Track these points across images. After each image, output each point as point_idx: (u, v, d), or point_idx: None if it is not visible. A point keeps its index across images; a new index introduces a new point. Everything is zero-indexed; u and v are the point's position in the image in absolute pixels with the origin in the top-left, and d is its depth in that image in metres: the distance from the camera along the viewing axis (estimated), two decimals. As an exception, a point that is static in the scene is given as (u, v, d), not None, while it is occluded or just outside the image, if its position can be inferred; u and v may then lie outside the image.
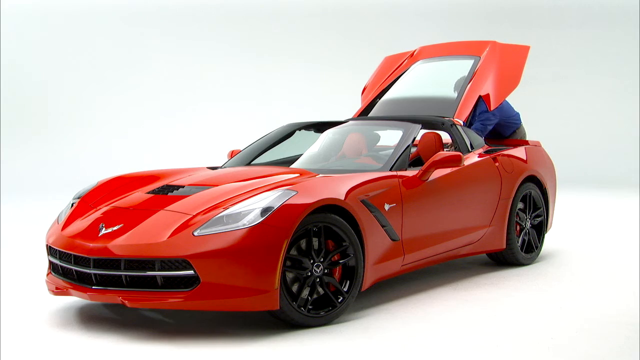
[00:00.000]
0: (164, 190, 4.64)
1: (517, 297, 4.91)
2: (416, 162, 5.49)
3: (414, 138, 5.27)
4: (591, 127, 14.93)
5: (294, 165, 5.33)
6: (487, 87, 6.20)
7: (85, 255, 4.08)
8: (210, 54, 15.16)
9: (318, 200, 4.12)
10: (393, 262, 4.70)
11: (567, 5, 15.49)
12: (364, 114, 6.47)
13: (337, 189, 4.34)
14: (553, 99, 15.21)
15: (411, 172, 4.97)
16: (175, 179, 4.91)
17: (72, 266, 4.21)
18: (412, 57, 6.84)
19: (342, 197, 4.29)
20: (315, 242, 4.17)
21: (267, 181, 4.49)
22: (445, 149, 5.69)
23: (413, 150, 5.60)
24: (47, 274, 4.58)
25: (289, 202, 4.02)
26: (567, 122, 15.01)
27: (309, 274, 4.12)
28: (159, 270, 3.90)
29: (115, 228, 4.15)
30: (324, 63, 15.24)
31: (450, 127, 5.73)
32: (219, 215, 3.99)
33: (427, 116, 5.84)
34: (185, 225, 3.99)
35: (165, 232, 3.98)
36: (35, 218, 9.01)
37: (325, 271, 4.19)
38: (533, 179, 6.08)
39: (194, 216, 4.06)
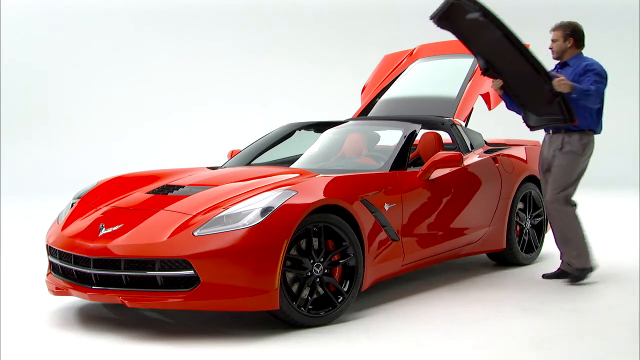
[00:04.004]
0: (164, 190, 4.64)
1: (517, 297, 4.91)
2: (416, 162, 5.49)
3: (414, 138, 5.27)
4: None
5: (294, 165, 5.33)
6: (487, 86, 6.18)
7: (85, 255, 4.08)
8: (211, 53, 15.14)
9: (318, 200, 4.12)
10: (393, 262, 4.70)
11: (567, 5, 15.48)
12: (363, 113, 6.45)
13: (337, 189, 4.33)
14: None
15: (411, 172, 4.97)
16: (175, 179, 4.91)
17: (72, 266, 4.20)
18: (412, 56, 6.82)
19: (342, 197, 4.29)
20: (315, 242, 4.17)
21: (267, 181, 4.48)
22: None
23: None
24: (47, 274, 4.58)
25: (289, 202, 4.02)
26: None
27: (309, 274, 4.12)
28: (159, 270, 3.90)
29: (115, 228, 4.15)
30: (324, 63, 15.22)
31: (450, 127, 5.72)
32: (219, 215, 3.99)
33: (427, 116, 5.83)
34: (185, 225, 3.99)
35: (165, 232, 3.98)
36: (35, 218, 9.00)
37: (325, 271, 4.19)
38: (533, 179, 6.07)
39: (194, 216, 4.06)
